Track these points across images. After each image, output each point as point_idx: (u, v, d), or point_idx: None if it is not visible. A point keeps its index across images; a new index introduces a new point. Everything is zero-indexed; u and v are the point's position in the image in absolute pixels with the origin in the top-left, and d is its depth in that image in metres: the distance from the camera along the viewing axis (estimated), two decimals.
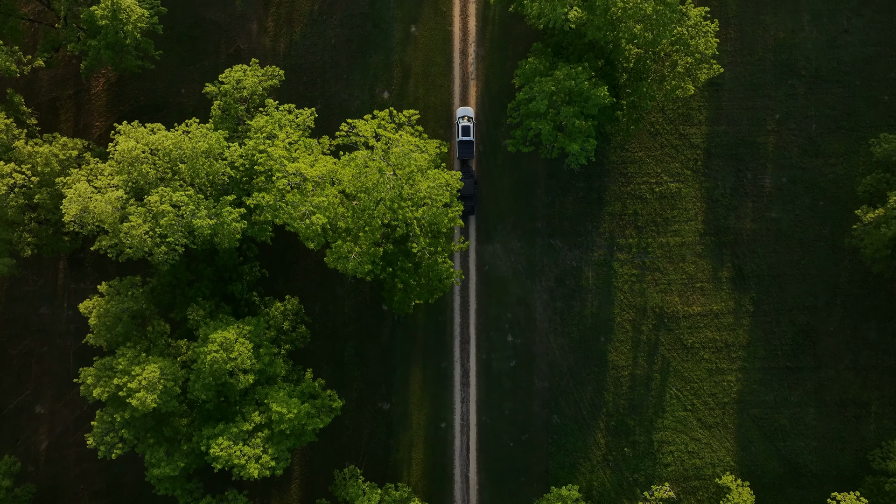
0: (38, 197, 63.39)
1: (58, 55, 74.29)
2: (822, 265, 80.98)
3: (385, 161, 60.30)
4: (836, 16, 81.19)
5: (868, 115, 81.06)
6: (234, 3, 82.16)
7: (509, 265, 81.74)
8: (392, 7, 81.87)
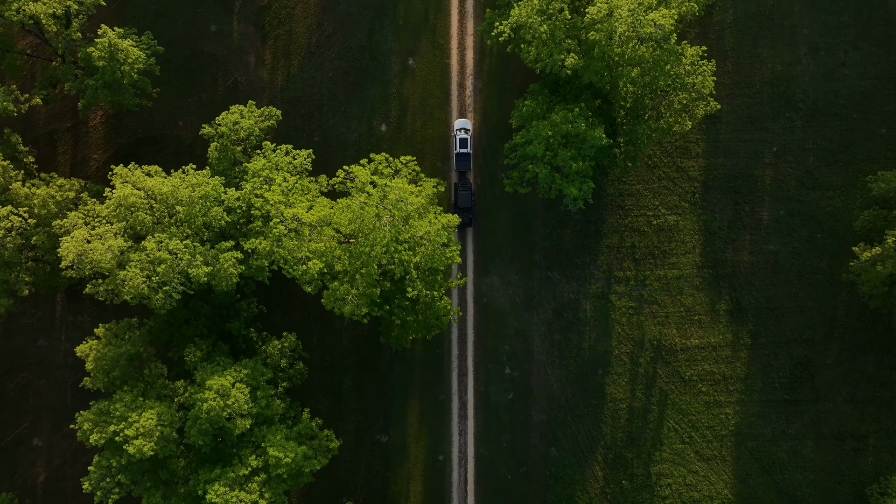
0: (36, 238, 63.41)
1: (55, 91, 74.31)
2: (819, 298, 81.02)
3: (382, 205, 60.31)
4: (833, 49, 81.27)
5: (865, 148, 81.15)
6: (232, 36, 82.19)
7: (507, 298, 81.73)
8: (390, 40, 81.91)
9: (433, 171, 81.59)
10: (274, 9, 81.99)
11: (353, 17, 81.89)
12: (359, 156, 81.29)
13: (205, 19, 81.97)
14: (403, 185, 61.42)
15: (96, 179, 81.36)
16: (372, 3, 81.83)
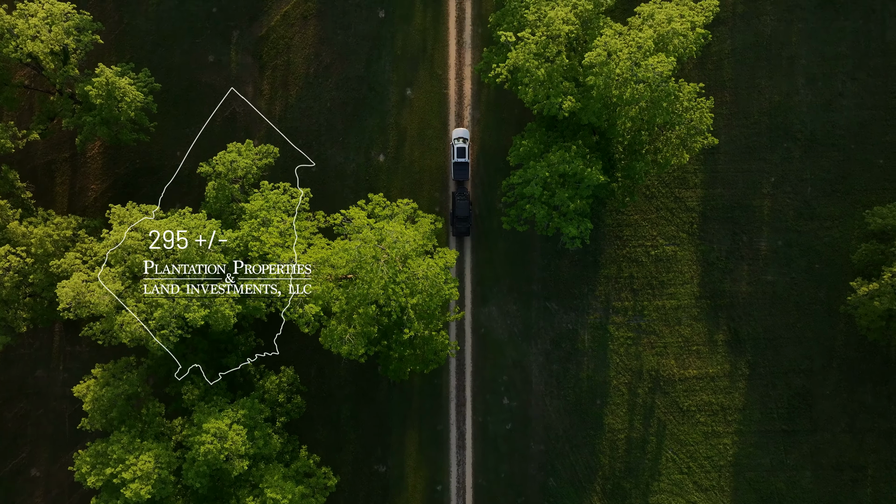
0: (33, 277, 63.45)
1: (53, 123, 74.32)
2: (817, 328, 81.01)
3: (379, 246, 60.30)
4: (830, 79, 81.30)
5: (863, 179, 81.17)
6: (230, 67, 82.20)
7: (505, 328, 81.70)
8: (388, 70, 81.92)
9: (431, 201, 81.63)
10: (272, 39, 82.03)
11: (351, 48, 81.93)
12: (357, 186, 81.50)
13: (203, 50, 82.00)
14: (400, 227, 61.37)
15: (94, 210, 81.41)
16: (370, 33, 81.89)
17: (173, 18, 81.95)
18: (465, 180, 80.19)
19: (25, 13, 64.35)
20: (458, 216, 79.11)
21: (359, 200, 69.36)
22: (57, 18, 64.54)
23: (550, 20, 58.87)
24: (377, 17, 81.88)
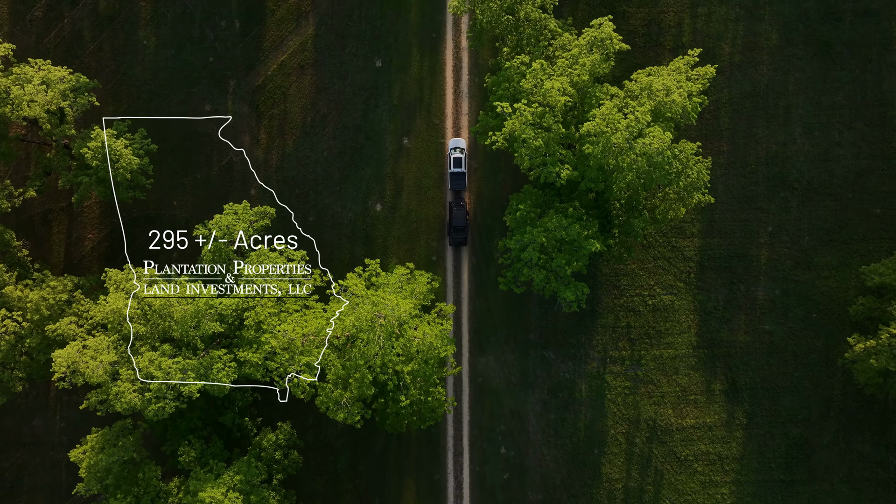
0: (29, 341, 63.41)
1: (49, 178, 74.30)
2: (815, 378, 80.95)
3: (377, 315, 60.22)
4: (827, 129, 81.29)
5: (861, 228, 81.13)
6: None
7: (502, 377, 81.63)
8: (385, 119, 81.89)
9: (428, 250, 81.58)
10: (268, 89, 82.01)
11: (348, 97, 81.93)
12: (354, 235, 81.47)
13: (199, 99, 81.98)
14: (396, 298, 61.30)
15: (91, 259, 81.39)
16: (367, 82, 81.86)
17: (170, 68, 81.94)
18: (461, 190, 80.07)
19: (21, 79, 64.39)
20: (454, 227, 79.18)
21: (356, 267, 69.23)
22: (53, 83, 64.55)
23: (547, 91, 58.89)
24: (374, 67, 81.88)
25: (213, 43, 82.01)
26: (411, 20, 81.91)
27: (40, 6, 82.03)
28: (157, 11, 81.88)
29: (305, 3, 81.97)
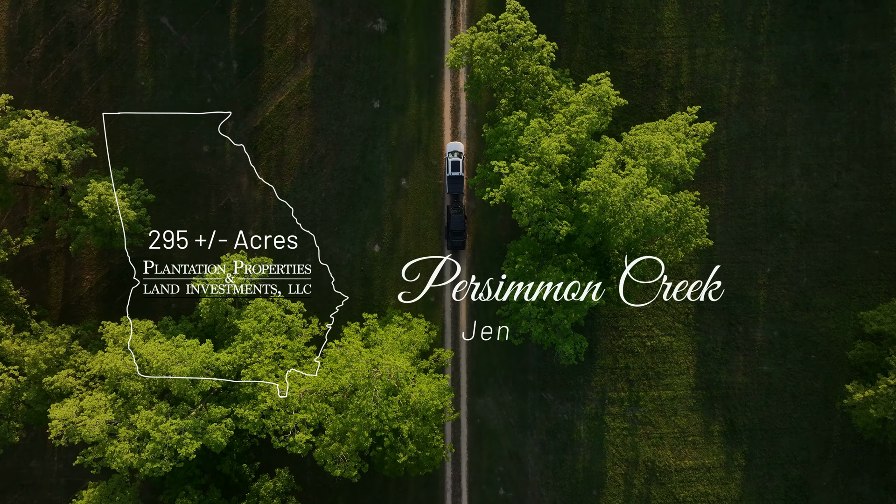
0: (27, 395, 63.33)
1: (47, 224, 74.22)
2: (814, 419, 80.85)
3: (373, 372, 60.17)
4: (826, 170, 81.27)
5: (859, 270, 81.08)
6: (225, 157, 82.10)
7: (501, 418, 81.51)
8: (382, 161, 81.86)
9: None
10: (266, 130, 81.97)
11: (346, 138, 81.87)
12: (352, 276, 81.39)
13: (197, 140, 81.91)
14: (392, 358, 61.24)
15: (89, 300, 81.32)
16: (365, 123, 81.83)
17: (168, 107, 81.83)
18: (459, 194, 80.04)
19: (17, 133, 64.37)
20: (452, 230, 79.20)
21: (352, 323, 69.11)
22: (50, 136, 64.55)
23: (544, 149, 58.87)
24: (372, 108, 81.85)
25: (210, 84, 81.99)
26: (409, 61, 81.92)
27: (38, 47, 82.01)
28: (155, 52, 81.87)
29: (303, 44, 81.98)
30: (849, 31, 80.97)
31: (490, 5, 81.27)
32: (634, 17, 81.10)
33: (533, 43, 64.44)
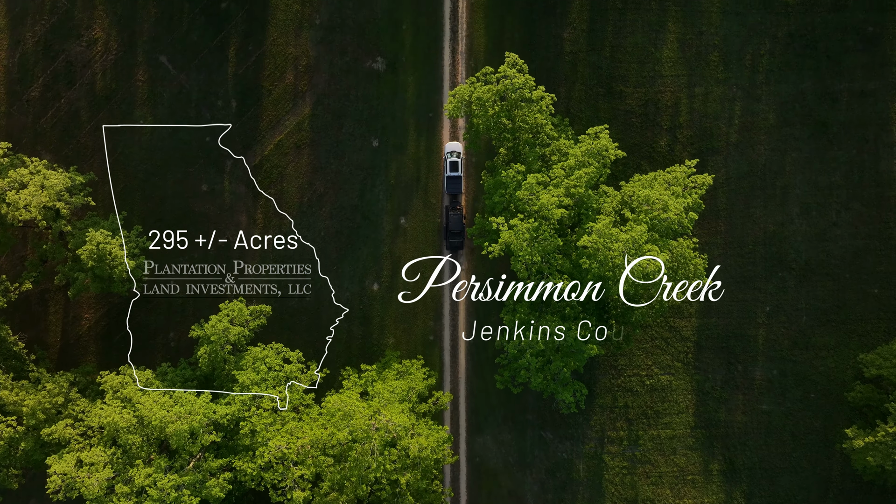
0: (24, 444, 63.24)
1: (46, 266, 74.21)
2: (813, 459, 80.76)
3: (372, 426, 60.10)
4: (825, 209, 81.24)
5: (858, 309, 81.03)
6: (224, 196, 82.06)
7: (500, 457, 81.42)
8: (381, 199, 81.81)
9: (425, 330, 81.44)
10: (265, 168, 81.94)
11: (345, 177, 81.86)
12: (351, 315, 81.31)
13: (196, 178, 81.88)
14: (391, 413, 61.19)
15: (88, 339, 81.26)
16: (364, 162, 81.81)
17: (167, 147, 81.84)
18: (458, 194, 79.97)
19: (16, 184, 64.38)
20: (451, 231, 79.31)
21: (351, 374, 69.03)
22: (49, 187, 64.58)
23: (543, 205, 58.86)
24: (371, 147, 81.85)
25: (209, 122, 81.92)
26: (408, 100, 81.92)
27: (37, 86, 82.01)
28: (154, 91, 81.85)
29: (302, 83, 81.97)
30: (847, 70, 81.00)
31: (489, 45, 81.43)
32: (633, 56, 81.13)
33: (532, 95, 64.45)
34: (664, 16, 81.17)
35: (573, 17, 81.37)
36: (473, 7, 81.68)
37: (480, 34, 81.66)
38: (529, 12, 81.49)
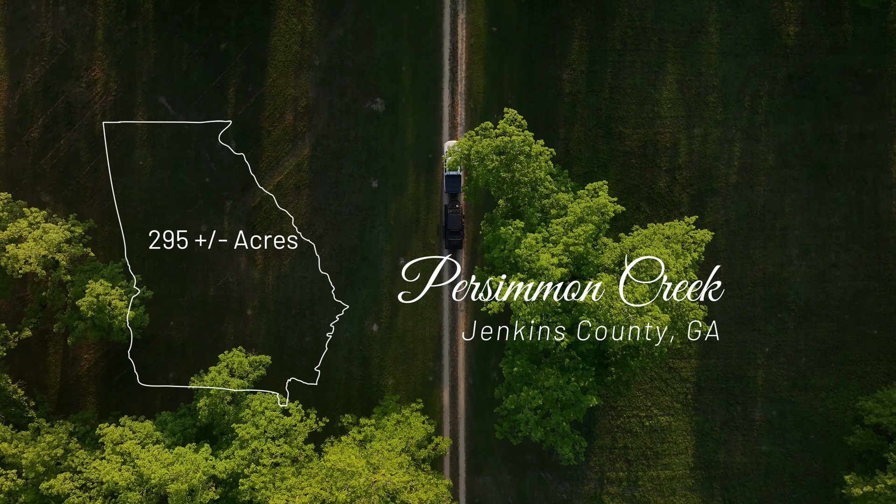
0: (24, 497, 63.27)
1: (45, 311, 74.26)
2: (813, 500, 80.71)
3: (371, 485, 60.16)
4: (824, 250, 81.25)
5: (858, 350, 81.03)
6: (223, 236, 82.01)
7: (500, 498, 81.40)
8: (381, 240, 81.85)
9: (424, 371, 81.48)
10: (265, 209, 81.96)
11: (344, 218, 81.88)
12: (350, 356, 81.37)
13: (195, 220, 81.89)
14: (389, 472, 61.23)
15: (88, 380, 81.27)
16: (363, 203, 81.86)
17: (166, 188, 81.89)
18: (456, 193, 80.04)
19: (15, 236, 64.41)
20: (449, 229, 79.44)
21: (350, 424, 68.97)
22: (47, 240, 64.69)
23: (542, 266, 58.91)
24: (370, 187, 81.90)
25: (209, 163, 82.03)
26: (407, 141, 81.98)
27: (37, 127, 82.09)
28: (154, 132, 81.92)
29: (301, 124, 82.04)
30: (846, 111, 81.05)
31: (488, 86, 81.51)
32: (632, 97, 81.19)
33: (531, 150, 64.51)
34: (663, 57, 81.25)
35: (572, 59, 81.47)
36: (473, 48, 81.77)
37: (480, 75, 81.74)
38: (528, 53, 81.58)
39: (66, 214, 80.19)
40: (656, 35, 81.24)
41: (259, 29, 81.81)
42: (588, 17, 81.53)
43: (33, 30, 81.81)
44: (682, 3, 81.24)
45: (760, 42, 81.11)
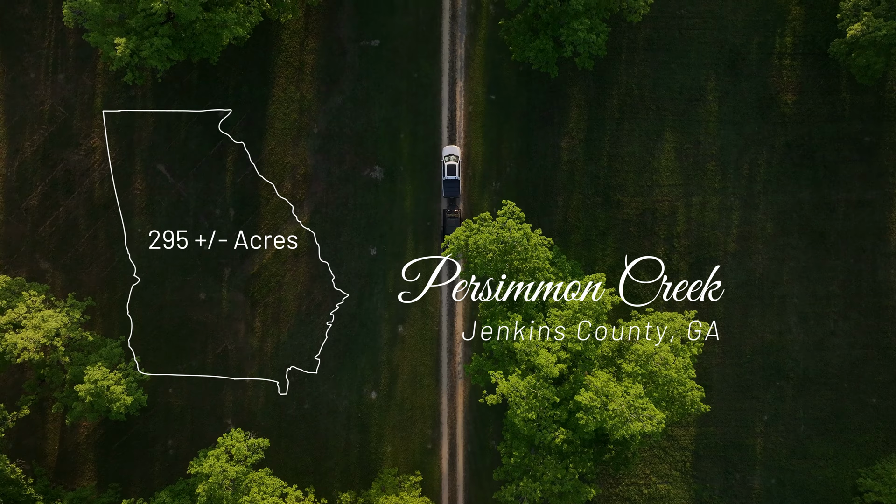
0: None
1: (43, 386, 74.24)
2: None
3: None
4: (823, 318, 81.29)
5: (857, 418, 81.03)
6: (222, 304, 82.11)
7: None
8: (379, 307, 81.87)
9: (423, 438, 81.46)
10: (263, 277, 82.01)
11: (343, 285, 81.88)
12: (349, 423, 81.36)
13: (194, 287, 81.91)
14: None
15: (86, 446, 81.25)
16: (361, 270, 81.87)
17: (164, 256, 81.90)
18: (455, 197, 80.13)
19: (13, 323, 64.48)
20: (448, 234, 79.21)
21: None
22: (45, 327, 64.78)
23: (540, 364, 58.99)
24: (369, 255, 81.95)
25: (207, 231, 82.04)
26: (406, 208, 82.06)
27: (35, 195, 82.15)
28: (152, 199, 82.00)
29: (300, 191, 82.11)
30: (845, 180, 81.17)
31: (486, 154, 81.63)
32: (631, 165, 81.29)
33: (529, 243, 64.56)
34: (661, 125, 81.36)
35: (570, 127, 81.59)
36: (471, 116, 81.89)
37: (478, 143, 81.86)
38: (527, 121, 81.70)
39: (65, 282, 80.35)
40: (654, 103, 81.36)
41: (257, 97, 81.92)
42: (586, 86, 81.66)
43: (32, 98, 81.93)
44: (680, 71, 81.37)
45: (759, 111, 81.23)
